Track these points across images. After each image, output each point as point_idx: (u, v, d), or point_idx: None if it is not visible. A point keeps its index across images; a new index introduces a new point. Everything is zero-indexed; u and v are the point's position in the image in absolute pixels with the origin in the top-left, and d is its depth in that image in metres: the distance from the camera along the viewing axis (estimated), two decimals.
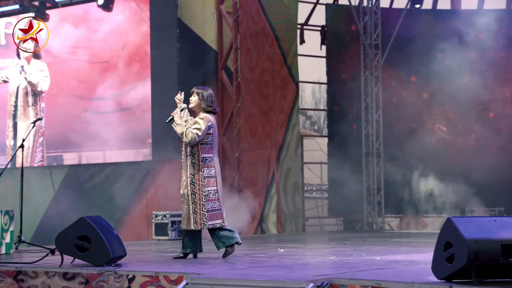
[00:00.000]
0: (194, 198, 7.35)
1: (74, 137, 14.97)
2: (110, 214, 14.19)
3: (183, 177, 7.43)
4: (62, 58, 15.44)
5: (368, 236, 12.44)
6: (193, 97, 7.55)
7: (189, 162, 7.38)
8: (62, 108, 15.32)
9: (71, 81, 15.35)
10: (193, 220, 7.34)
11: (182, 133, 7.32)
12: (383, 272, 5.81)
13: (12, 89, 15.97)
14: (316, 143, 21.21)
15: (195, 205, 7.36)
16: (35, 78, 15.49)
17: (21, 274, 6.61)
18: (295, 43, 15.46)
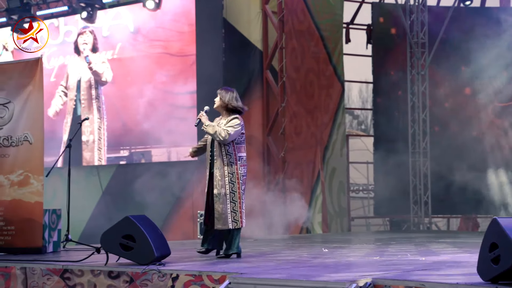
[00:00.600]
0: (234, 196, 7.40)
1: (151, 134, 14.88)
2: (157, 214, 14.28)
3: (217, 176, 7.42)
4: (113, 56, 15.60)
5: (414, 236, 12.33)
6: (217, 98, 7.67)
7: (226, 161, 7.42)
8: (125, 101, 15.28)
9: (125, 77, 15.40)
10: (232, 219, 7.36)
11: (215, 132, 7.39)
12: (427, 273, 5.75)
13: (72, 84, 15.92)
14: (363, 142, 21.11)
15: (234, 204, 7.40)
16: (100, 68, 15.56)
17: (68, 272, 6.71)
18: (341, 42, 15.38)
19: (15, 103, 8.71)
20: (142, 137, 14.85)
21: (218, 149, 7.46)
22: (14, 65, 9.19)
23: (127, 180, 15.18)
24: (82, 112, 15.63)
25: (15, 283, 7.00)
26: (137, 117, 14.81)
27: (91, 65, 15.57)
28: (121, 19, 15.45)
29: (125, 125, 15.21)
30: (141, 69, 15.12)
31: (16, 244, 8.40)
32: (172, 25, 14.82)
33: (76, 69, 15.87)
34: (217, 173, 7.43)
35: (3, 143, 8.67)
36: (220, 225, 7.40)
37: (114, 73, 15.32)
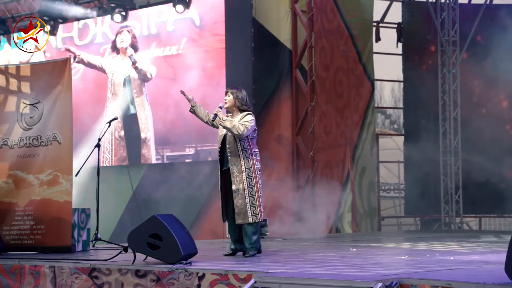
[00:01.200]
0: (252, 191, 7.47)
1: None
2: (187, 213, 14.35)
3: (234, 172, 7.46)
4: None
5: (444, 236, 12.22)
6: (227, 97, 7.70)
7: (242, 156, 7.47)
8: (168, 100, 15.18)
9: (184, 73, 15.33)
10: (251, 213, 7.44)
11: (233, 127, 7.40)
12: (455, 272, 5.69)
13: (119, 80, 15.80)
14: (394, 141, 20.98)
15: (253, 198, 7.47)
16: (145, 65, 15.55)
17: (95, 271, 6.75)
18: (371, 41, 15.31)
19: (45, 103, 8.78)
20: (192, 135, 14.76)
21: (233, 145, 7.50)
22: (43, 65, 9.26)
23: (157, 179, 15.24)
24: (138, 109, 15.60)
25: (44, 282, 7.06)
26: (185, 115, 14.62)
27: (137, 64, 15.54)
28: (148, 19, 15.53)
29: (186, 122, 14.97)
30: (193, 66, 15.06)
31: (46, 243, 8.47)
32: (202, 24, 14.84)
33: (121, 67, 15.80)
34: (234, 169, 7.48)
35: (32, 142, 8.75)
36: (241, 219, 7.47)
37: (175, 70, 15.13)
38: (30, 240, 8.54)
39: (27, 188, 8.68)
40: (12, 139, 8.85)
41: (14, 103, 8.92)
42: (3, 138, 8.88)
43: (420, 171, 15.29)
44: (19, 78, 8.98)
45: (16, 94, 8.95)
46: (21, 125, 8.87)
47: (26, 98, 8.88)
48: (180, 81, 14.78)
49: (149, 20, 15.50)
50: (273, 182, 13.45)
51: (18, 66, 9.56)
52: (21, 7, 16.58)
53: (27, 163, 8.73)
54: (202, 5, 14.74)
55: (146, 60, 15.40)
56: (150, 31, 15.40)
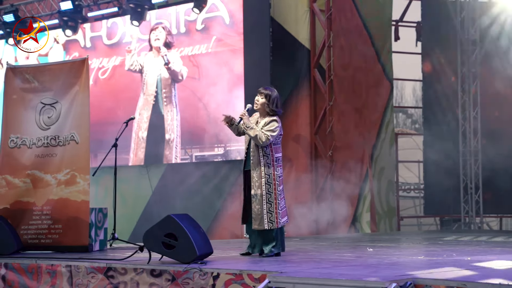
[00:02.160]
0: (270, 197, 7.40)
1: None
2: (206, 213, 14.36)
3: (254, 177, 7.43)
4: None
5: (464, 236, 12.14)
6: (260, 98, 7.61)
7: (263, 162, 7.41)
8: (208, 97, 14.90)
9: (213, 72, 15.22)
10: (267, 220, 7.36)
11: (255, 136, 7.38)
12: (471, 273, 5.65)
13: (152, 79, 15.65)
14: (414, 141, 20.88)
15: (270, 205, 7.39)
16: (177, 66, 15.51)
17: (111, 270, 6.78)
18: (389, 40, 15.25)
19: (62, 103, 8.84)
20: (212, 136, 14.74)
21: (255, 150, 7.47)
22: (61, 65, 9.31)
23: (176, 179, 15.26)
24: (165, 109, 15.60)
25: (60, 281, 7.10)
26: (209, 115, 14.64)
27: (170, 64, 15.50)
28: (165, 19, 15.53)
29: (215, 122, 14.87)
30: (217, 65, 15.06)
31: (63, 242, 8.52)
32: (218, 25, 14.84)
33: (153, 66, 15.69)
34: (254, 174, 7.44)
35: (50, 142, 8.80)
36: (257, 225, 7.42)
37: (205, 69, 15.00)
38: (47, 239, 8.60)
39: (45, 188, 8.74)
40: (30, 139, 8.91)
41: (32, 103, 8.98)
42: (21, 138, 8.94)
43: (439, 171, 15.20)
44: (37, 78, 9.04)
45: (34, 94, 9.01)
46: (39, 125, 8.93)
47: (44, 98, 8.94)
48: (206, 81, 14.78)
49: (178, 18, 15.46)
50: (291, 181, 13.43)
51: (36, 67, 9.66)
52: (41, 7, 16.69)
53: (45, 163, 8.79)
54: (232, 3, 14.69)
55: (178, 60, 15.37)
56: (179, 30, 15.38)
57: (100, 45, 16.37)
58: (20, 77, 9.07)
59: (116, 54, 16.18)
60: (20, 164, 8.88)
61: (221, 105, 14.34)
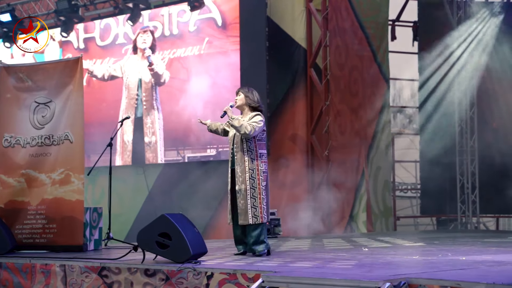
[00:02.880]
0: (254, 192, 7.39)
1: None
2: (203, 213, 14.34)
3: (237, 172, 7.44)
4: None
5: (460, 236, 12.13)
6: (237, 96, 7.71)
7: (246, 157, 7.43)
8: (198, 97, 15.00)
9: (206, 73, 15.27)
10: (252, 215, 7.37)
11: (241, 126, 7.36)
12: (465, 273, 5.63)
13: (132, 83, 15.75)
14: (411, 141, 20.85)
15: (254, 200, 7.39)
16: (160, 69, 15.50)
17: (105, 270, 6.76)
18: (386, 40, 15.23)
19: (56, 102, 8.81)
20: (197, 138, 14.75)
21: (239, 145, 7.49)
22: (55, 64, 9.27)
23: (173, 179, 15.24)
24: (144, 112, 15.58)
25: (55, 281, 7.08)
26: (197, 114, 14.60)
27: (153, 66, 15.50)
28: (160, 20, 15.51)
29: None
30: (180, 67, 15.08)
31: (57, 242, 8.49)
32: (214, 24, 14.83)
33: (135, 69, 15.78)
34: (237, 169, 7.46)
35: (44, 142, 8.77)
36: (242, 220, 7.45)
37: (198, 70, 15.03)
38: (42, 239, 8.57)
39: (39, 187, 8.71)
40: (24, 138, 8.89)
41: (26, 102, 8.95)
42: (15, 137, 8.92)
43: (436, 171, 15.17)
44: (31, 77, 9.01)
45: (28, 93, 8.98)
46: (33, 124, 8.90)
47: (38, 97, 8.92)
48: (201, 81, 14.77)
49: (171, 20, 15.45)
50: (288, 181, 13.43)
51: (30, 66, 9.61)
52: (38, 7, 16.66)
53: (39, 162, 8.77)
54: (225, 4, 14.68)
55: (161, 63, 15.37)
56: (172, 32, 15.36)
57: (93, 47, 16.37)
58: (14, 76, 9.04)
59: (109, 55, 16.19)
60: (15, 163, 8.85)
61: (218, 106, 14.34)
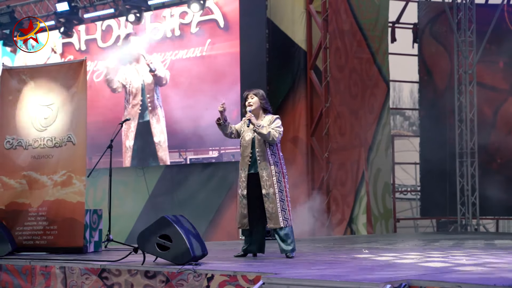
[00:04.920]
0: (281, 195, 7.41)
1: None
2: (203, 215, 14.36)
3: (263, 177, 7.41)
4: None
5: (460, 238, 12.13)
6: (251, 99, 7.63)
7: (272, 161, 7.43)
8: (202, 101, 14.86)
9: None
10: (282, 218, 7.38)
11: (268, 133, 7.37)
12: (466, 275, 5.63)
13: (136, 88, 15.74)
14: (411, 143, 20.92)
15: (283, 203, 7.41)
16: (162, 71, 15.46)
17: (105, 271, 6.75)
18: (385, 42, 15.23)
19: (59, 104, 8.80)
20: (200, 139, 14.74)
21: (263, 150, 7.46)
22: (59, 67, 9.28)
23: (174, 181, 15.25)
24: (150, 114, 15.52)
25: (55, 283, 7.07)
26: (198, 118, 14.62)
27: (156, 71, 15.46)
28: (161, 20, 15.51)
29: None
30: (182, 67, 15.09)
31: (58, 243, 8.48)
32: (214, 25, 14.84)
33: (136, 74, 15.77)
34: (263, 173, 7.41)
35: (47, 144, 8.77)
36: (272, 224, 7.42)
37: (199, 72, 14.99)
38: (42, 240, 8.56)
39: (41, 189, 8.70)
40: (26, 140, 8.88)
41: (29, 105, 8.95)
42: (17, 139, 8.91)
43: (436, 173, 15.19)
44: (34, 79, 9.01)
45: (30, 96, 8.98)
46: (35, 126, 8.90)
47: (41, 99, 8.91)
48: (200, 84, 14.76)
49: (173, 21, 15.44)
50: (288, 183, 13.41)
51: (33, 68, 9.61)
52: (37, 9, 16.68)
53: (41, 164, 8.76)
54: (227, 5, 14.68)
55: (160, 65, 15.36)
56: (174, 33, 15.35)
57: (94, 48, 16.37)
58: (16, 78, 9.04)
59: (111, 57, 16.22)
60: (16, 165, 8.85)
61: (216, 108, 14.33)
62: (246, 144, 7.58)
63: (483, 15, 15.53)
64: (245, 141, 7.59)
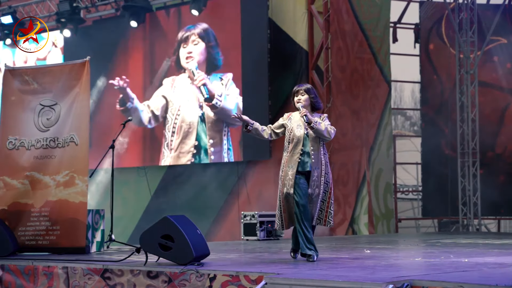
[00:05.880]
0: (324, 196, 7.09)
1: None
2: (206, 215, 14.38)
3: (314, 176, 7.04)
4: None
5: (461, 238, 12.14)
6: (301, 96, 7.20)
7: (323, 160, 7.10)
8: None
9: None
10: (316, 216, 7.12)
11: (325, 129, 7.04)
12: (468, 274, 5.64)
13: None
14: (413, 143, 20.90)
15: (322, 203, 7.09)
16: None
17: (108, 272, 6.76)
18: (387, 42, 15.23)
19: (62, 105, 8.82)
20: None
21: (316, 148, 7.09)
22: (62, 67, 9.29)
23: (176, 182, 15.27)
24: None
25: (57, 283, 7.08)
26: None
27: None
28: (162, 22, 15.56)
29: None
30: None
31: (60, 244, 8.49)
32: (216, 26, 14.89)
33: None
34: (314, 172, 7.04)
35: (49, 144, 8.78)
36: (313, 222, 7.18)
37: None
38: (45, 240, 8.57)
39: (43, 189, 8.71)
40: (28, 140, 8.89)
41: (31, 105, 8.96)
42: (19, 140, 8.92)
43: (437, 173, 15.19)
44: (37, 79, 9.03)
45: (33, 96, 9.00)
46: (38, 127, 8.91)
47: (43, 100, 8.93)
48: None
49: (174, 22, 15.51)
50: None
51: (36, 68, 9.64)
52: (39, 9, 16.69)
53: (44, 164, 8.77)
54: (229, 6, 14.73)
55: None
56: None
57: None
58: (19, 79, 9.06)
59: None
60: (19, 165, 8.86)
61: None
62: (297, 140, 7.11)
63: (485, 15, 15.53)
64: (296, 137, 7.12)
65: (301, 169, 7.08)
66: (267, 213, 12.04)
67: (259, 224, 11.85)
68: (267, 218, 11.93)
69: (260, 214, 11.95)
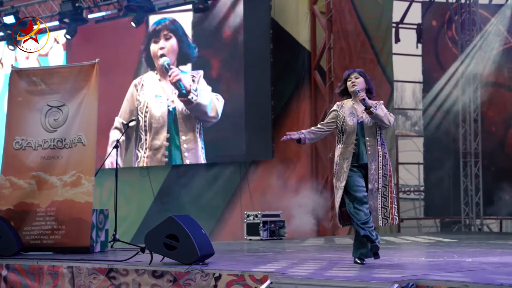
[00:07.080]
0: (385, 191, 6.53)
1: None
2: (209, 214, 14.38)
3: (371, 169, 6.49)
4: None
5: (464, 237, 12.15)
6: (356, 79, 6.59)
7: (381, 152, 6.50)
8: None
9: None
10: (382, 215, 6.59)
11: (384, 115, 6.47)
12: (472, 274, 5.67)
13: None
14: (414, 143, 20.88)
15: (385, 199, 6.54)
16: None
17: (113, 271, 6.78)
18: (389, 42, 15.22)
19: (69, 106, 8.85)
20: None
21: (372, 138, 6.53)
22: (70, 68, 9.31)
23: (180, 181, 15.28)
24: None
25: (62, 282, 7.11)
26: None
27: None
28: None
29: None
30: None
31: (65, 243, 8.52)
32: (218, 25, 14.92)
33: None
34: (372, 165, 6.48)
35: (57, 144, 8.81)
36: (372, 222, 6.61)
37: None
38: (50, 240, 8.60)
39: (49, 190, 8.74)
40: (35, 141, 8.92)
41: (38, 106, 8.99)
42: (26, 140, 8.95)
43: (440, 173, 15.19)
44: (45, 80, 9.06)
45: (40, 97, 9.03)
46: (45, 127, 8.94)
47: (51, 100, 8.95)
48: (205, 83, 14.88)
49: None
50: (292, 183, 13.46)
51: (44, 69, 9.67)
52: (42, 9, 16.71)
53: (51, 165, 8.80)
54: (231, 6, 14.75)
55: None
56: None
57: None
58: (26, 80, 9.09)
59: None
60: (25, 165, 8.89)
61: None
62: (351, 130, 6.54)
63: (487, 15, 15.53)
64: (349, 127, 6.56)
65: (356, 162, 6.54)
66: (270, 213, 12.06)
67: (262, 224, 11.87)
68: (270, 218, 11.96)
69: (263, 214, 11.97)
